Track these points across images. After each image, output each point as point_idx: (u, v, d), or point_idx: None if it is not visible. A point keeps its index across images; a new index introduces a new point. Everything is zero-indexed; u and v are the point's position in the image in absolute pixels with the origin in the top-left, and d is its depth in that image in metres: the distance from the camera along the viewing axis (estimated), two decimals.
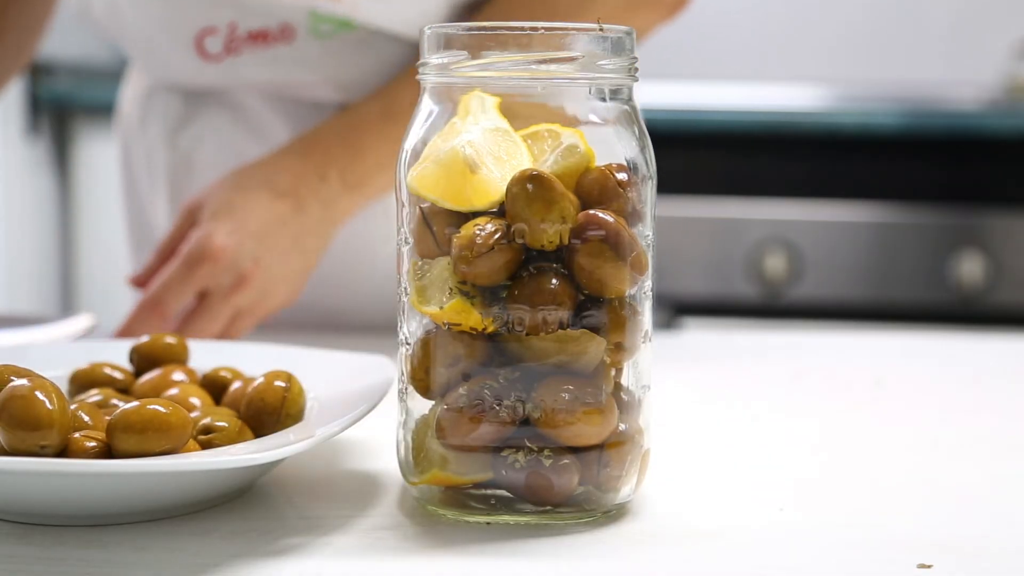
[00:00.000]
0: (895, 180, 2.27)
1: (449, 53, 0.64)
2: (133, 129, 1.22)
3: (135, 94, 1.23)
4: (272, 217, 0.99)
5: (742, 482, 0.73)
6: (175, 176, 1.17)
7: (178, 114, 1.16)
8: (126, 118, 1.24)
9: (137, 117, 1.21)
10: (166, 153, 1.17)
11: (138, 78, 1.24)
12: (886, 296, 2.24)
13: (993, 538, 0.64)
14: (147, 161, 1.20)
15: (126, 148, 1.24)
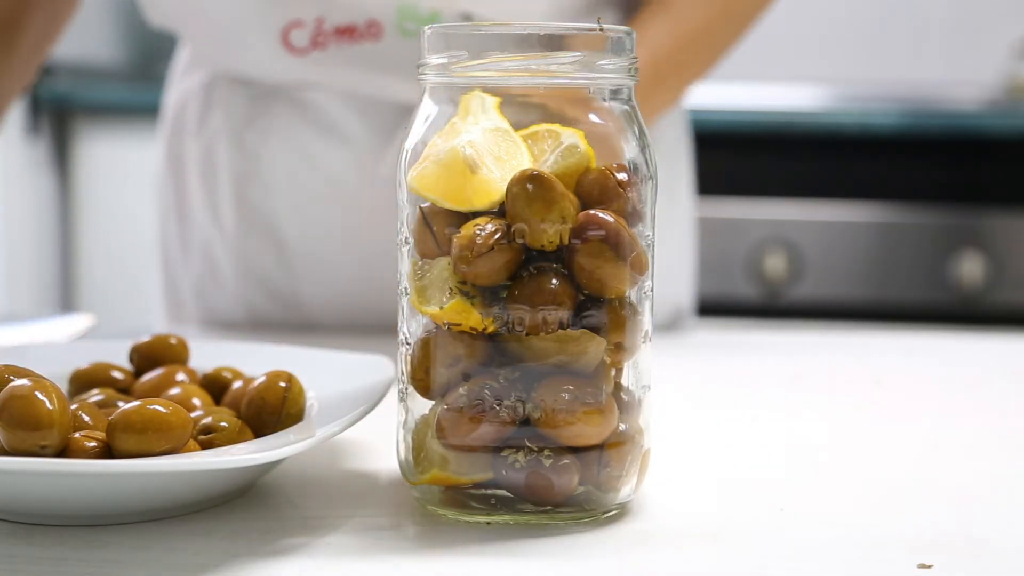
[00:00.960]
0: (895, 180, 2.27)
1: (449, 53, 0.64)
2: (187, 128, 1.20)
3: (189, 92, 1.20)
4: None
5: (742, 482, 0.73)
6: (240, 176, 1.15)
7: (244, 112, 1.15)
8: (176, 117, 1.21)
9: (194, 116, 1.19)
10: (230, 152, 1.16)
11: (191, 76, 1.21)
12: (886, 296, 2.24)
13: (993, 538, 0.64)
14: (203, 161, 1.18)
15: (176, 148, 1.22)
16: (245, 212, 1.15)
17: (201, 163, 1.18)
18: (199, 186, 1.19)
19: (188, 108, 1.20)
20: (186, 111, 1.20)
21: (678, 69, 1.07)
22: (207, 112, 1.17)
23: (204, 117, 1.18)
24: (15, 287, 2.52)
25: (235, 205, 1.16)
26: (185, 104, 1.20)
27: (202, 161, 1.18)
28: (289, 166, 1.13)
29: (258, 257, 1.16)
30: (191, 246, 1.21)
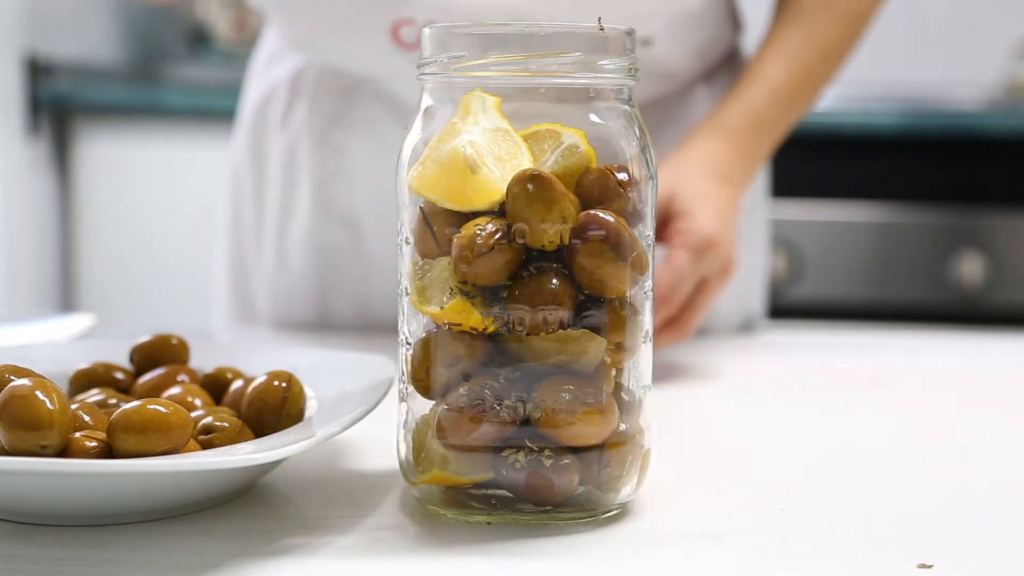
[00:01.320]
0: (895, 180, 2.27)
1: (449, 53, 0.64)
2: (271, 123, 1.19)
3: (275, 85, 1.20)
4: (727, 203, 1.02)
5: (742, 482, 0.73)
6: (322, 171, 1.15)
7: (331, 106, 1.14)
8: (258, 111, 1.21)
9: (279, 111, 1.18)
10: (313, 147, 1.15)
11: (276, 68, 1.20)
12: (886, 296, 2.24)
13: (993, 538, 0.64)
14: (286, 157, 1.18)
15: (257, 143, 1.21)
16: (324, 207, 1.15)
17: (283, 158, 1.18)
18: (278, 181, 1.19)
19: (273, 101, 1.19)
20: (271, 104, 1.19)
21: (816, 80, 1.10)
22: (293, 105, 1.17)
23: (289, 111, 1.17)
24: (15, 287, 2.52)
25: (313, 200, 1.16)
26: (270, 97, 1.20)
27: (284, 157, 1.18)
28: (373, 161, 1.13)
29: (333, 252, 1.16)
30: (265, 244, 1.21)
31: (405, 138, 0.66)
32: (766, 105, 1.06)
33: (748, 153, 1.06)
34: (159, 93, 2.64)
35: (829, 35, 1.10)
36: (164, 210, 2.57)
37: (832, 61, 1.11)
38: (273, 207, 1.19)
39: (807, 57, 1.09)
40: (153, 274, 2.58)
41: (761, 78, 1.07)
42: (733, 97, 1.07)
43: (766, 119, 1.06)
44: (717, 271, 0.99)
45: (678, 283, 0.96)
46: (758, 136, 1.06)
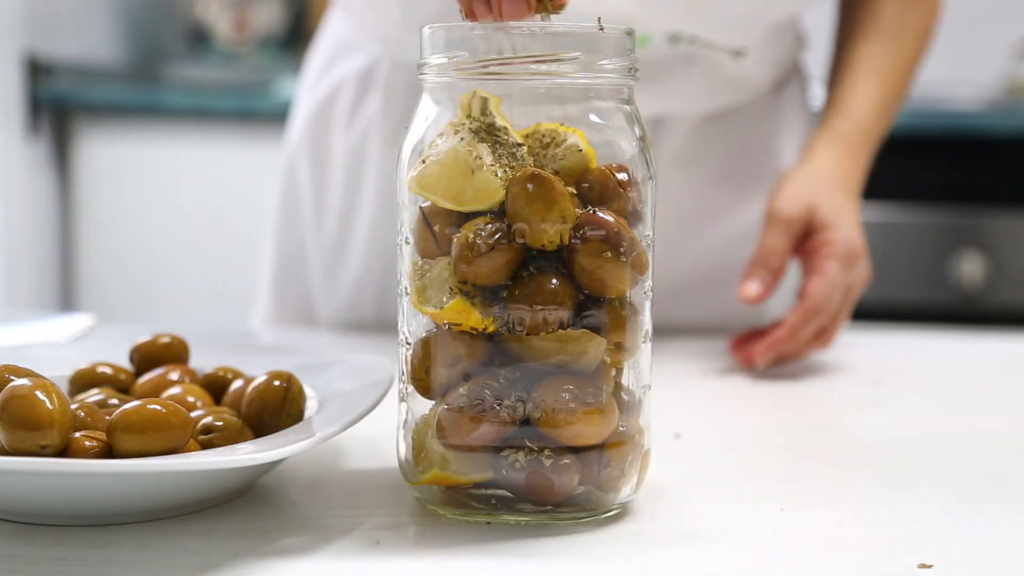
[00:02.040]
0: (895, 180, 2.27)
1: (449, 53, 0.64)
2: (336, 120, 1.18)
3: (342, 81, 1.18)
4: (858, 213, 1.07)
5: (742, 482, 0.73)
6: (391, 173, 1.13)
7: (405, 105, 1.13)
8: (317, 115, 1.19)
9: (346, 106, 1.17)
10: (382, 147, 1.14)
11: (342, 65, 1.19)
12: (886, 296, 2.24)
13: (993, 538, 0.64)
14: (351, 157, 1.17)
15: (320, 141, 1.20)
16: (390, 205, 1.14)
17: (349, 155, 1.17)
18: (342, 180, 1.17)
19: (340, 97, 1.18)
20: (337, 100, 1.18)
21: (902, 93, 1.16)
22: (363, 100, 1.16)
23: (358, 106, 1.16)
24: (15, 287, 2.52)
25: (380, 199, 1.15)
26: (336, 92, 1.18)
27: (350, 154, 1.17)
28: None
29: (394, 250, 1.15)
30: (324, 242, 1.19)
31: (405, 138, 0.66)
32: (869, 118, 1.11)
33: (861, 165, 1.11)
34: (159, 93, 2.64)
35: (910, 49, 1.15)
36: (164, 210, 2.57)
37: (913, 73, 1.16)
38: (336, 206, 1.18)
39: (895, 71, 1.14)
40: (153, 274, 2.58)
41: (861, 94, 1.12)
42: (838, 113, 1.12)
43: (869, 132, 1.11)
44: (861, 281, 1.05)
45: (831, 293, 1.02)
46: (865, 148, 1.11)
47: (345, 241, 1.18)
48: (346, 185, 1.17)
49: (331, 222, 1.19)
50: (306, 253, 1.22)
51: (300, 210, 1.22)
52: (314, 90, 1.22)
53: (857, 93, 1.12)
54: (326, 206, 1.19)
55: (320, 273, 1.20)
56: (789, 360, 1.04)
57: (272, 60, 2.86)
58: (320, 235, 1.20)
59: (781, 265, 1.04)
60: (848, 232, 1.03)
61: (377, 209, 1.16)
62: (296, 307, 1.23)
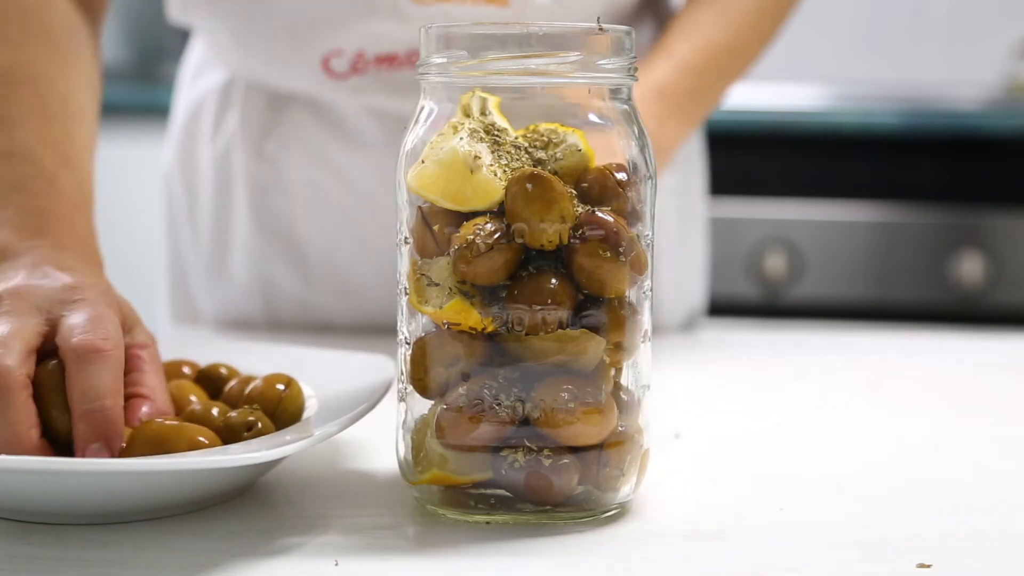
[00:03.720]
0: (895, 180, 2.27)
1: (449, 53, 0.64)
2: (202, 132, 1.18)
3: (204, 94, 1.19)
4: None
5: (742, 482, 0.73)
6: (258, 182, 1.14)
7: (262, 117, 1.13)
8: (189, 120, 1.20)
9: (209, 120, 1.17)
10: (247, 159, 1.14)
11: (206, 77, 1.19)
12: (886, 296, 2.24)
13: (993, 538, 0.64)
14: (218, 167, 1.17)
15: (188, 152, 1.20)
16: (261, 218, 1.14)
17: (215, 169, 1.17)
18: (211, 192, 1.18)
19: (203, 111, 1.18)
20: (201, 114, 1.19)
21: (729, 58, 1.08)
22: (223, 115, 1.16)
23: (220, 121, 1.17)
24: None
25: (251, 211, 1.15)
26: (200, 106, 1.19)
27: (216, 167, 1.17)
28: (308, 172, 1.12)
29: (273, 263, 1.15)
30: (202, 250, 1.20)
31: (405, 138, 0.66)
32: (669, 77, 1.04)
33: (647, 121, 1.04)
34: (159, 93, 2.64)
35: (744, 10, 1.08)
36: None
37: (752, 35, 1.09)
38: (207, 216, 1.19)
39: (720, 31, 1.07)
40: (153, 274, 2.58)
41: (665, 53, 1.06)
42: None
43: (668, 92, 1.03)
44: None
45: None
46: (656, 106, 1.03)
47: (223, 253, 1.18)
48: (216, 198, 1.18)
49: (206, 234, 1.19)
50: (185, 260, 1.22)
51: (176, 219, 1.22)
52: (184, 100, 1.22)
53: (661, 52, 1.06)
54: (199, 217, 1.20)
55: (201, 280, 1.20)
56: None
57: None
58: (197, 245, 1.20)
59: None
60: None
61: (250, 223, 1.15)
62: (186, 307, 1.23)
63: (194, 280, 1.22)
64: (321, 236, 1.14)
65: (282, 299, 1.16)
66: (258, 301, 1.17)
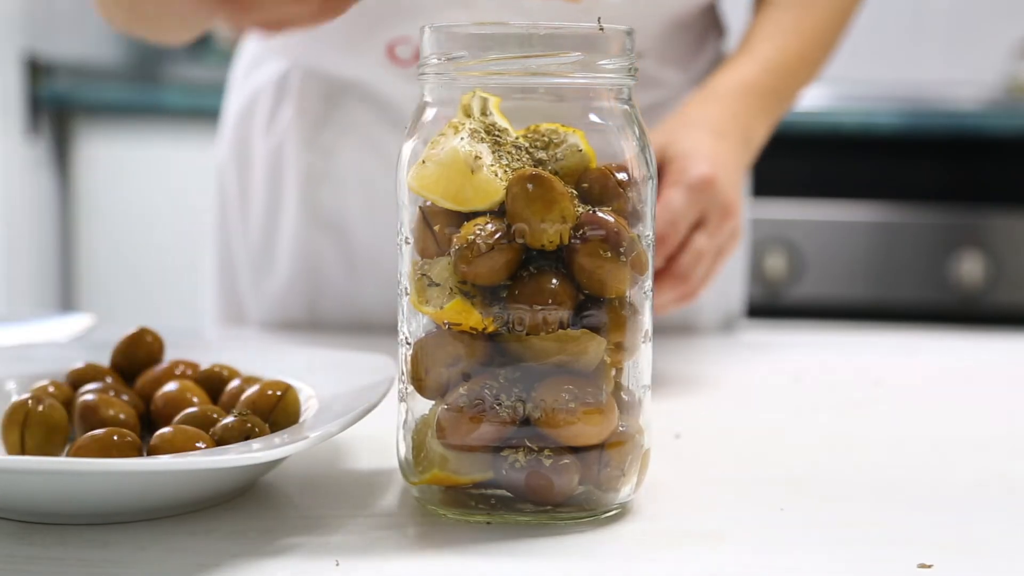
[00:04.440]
0: (895, 180, 2.27)
1: (449, 53, 0.64)
2: (256, 126, 1.19)
3: (260, 88, 1.19)
4: (722, 152, 1.00)
5: (742, 482, 0.73)
6: (310, 174, 1.15)
7: (318, 109, 1.14)
8: (243, 114, 1.21)
9: (264, 113, 1.18)
10: (300, 151, 1.15)
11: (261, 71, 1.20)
12: (886, 296, 2.24)
13: (993, 538, 0.64)
14: (271, 160, 1.17)
15: (242, 146, 1.21)
16: (312, 210, 1.15)
17: (268, 162, 1.18)
18: (263, 185, 1.18)
19: (258, 105, 1.19)
20: (255, 108, 1.19)
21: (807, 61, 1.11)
22: (278, 108, 1.17)
23: (274, 114, 1.17)
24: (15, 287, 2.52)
25: (301, 203, 1.16)
26: (255, 100, 1.19)
27: (269, 160, 1.18)
28: (362, 163, 1.13)
29: (320, 254, 1.16)
30: (251, 244, 1.21)
31: (404, 138, 0.66)
32: (756, 76, 1.06)
33: (740, 116, 1.05)
34: (159, 93, 2.64)
35: (818, 18, 1.11)
36: (164, 210, 2.57)
37: (823, 43, 1.12)
38: (258, 210, 1.19)
39: (796, 38, 1.10)
40: (153, 274, 2.58)
41: (750, 53, 1.08)
42: (722, 70, 1.08)
43: (755, 89, 1.06)
44: (719, 214, 0.97)
45: (673, 220, 0.94)
46: (747, 102, 1.05)
47: (271, 247, 1.19)
48: (268, 191, 1.19)
49: (256, 228, 1.20)
50: (235, 256, 1.23)
51: (228, 215, 1.23)
52: (237, 95, 1.23)
53: (745, 52, 1.09)
54: (250, 211, 1.21)
55: (248, 277, 1.21)
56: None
57: None
58: (246, 240, 1.21)
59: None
60: (700, 164, 0.96)
61: (300, 216, 1.16)
62: (232, 306, 1.24)
63: (242, 277, 1.22)
64: (370, 228, 1.15)
65: (327, 294, 1.16)
66: (302, 297, 1.17)
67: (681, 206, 0.94)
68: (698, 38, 1.17)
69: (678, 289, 0.96)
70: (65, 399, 0.73)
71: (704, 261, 0.96)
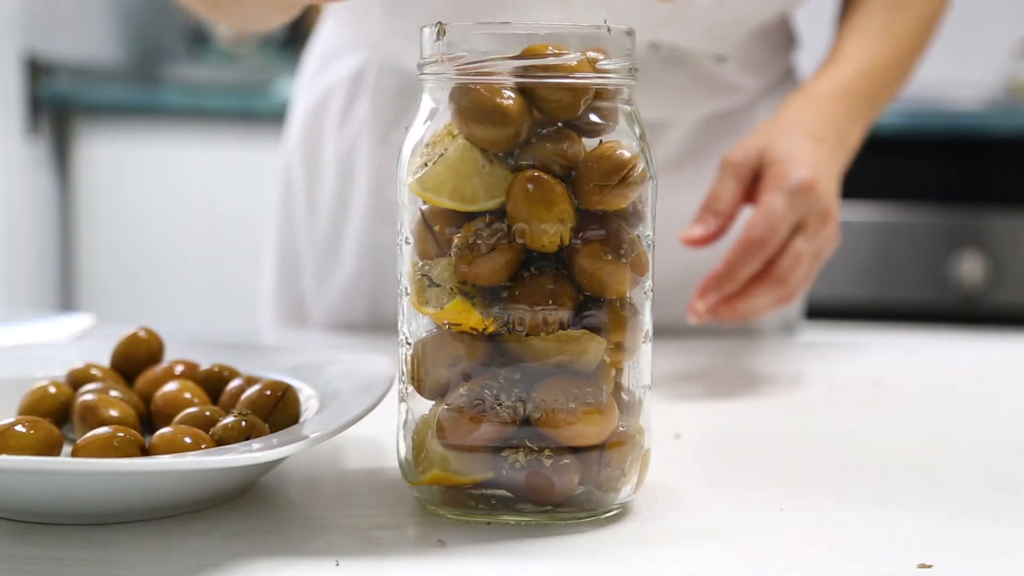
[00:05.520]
0: (895, 180, 2.27)
1: (449, 53, 0.64)
2: (328, 124, 1.19)
3: (333, 85, 1.19)
4: (821, 157, 1.01)
5: (742, 482, 0.73)
6: (383, 173, 1.15)
7: (393, 108, 1.14)
8: (315, 112, 1.20)
9: (337, 110, 1.18)
10: (373, 147, 1.15)
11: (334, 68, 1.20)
12: (886, 296, 2.24)
13: (993, 538, 0.64)
14: (343, 158, 1.18)
15: (313, 144, 1.21)
16: (381, 207, 1.15)
17: (340, 159, 1.18)
18: (334, 182, 1.18)
19: (331, 101, 1.19)
20: (328, 105, 1.19)
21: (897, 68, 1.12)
22: (352, 105, 1.17)
23: (348, 110, 1.17)
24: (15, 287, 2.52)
25: (371, 200, 1.16)
26: (327, 97, 1.19)
27: (341, 157, 1.18)
28: None
29: (386, 252, 1.16)
30: (318, 240, 1.20)
31: (405, 138, 0.66)
32: (851, 80, 1.07)
33: (837, 120, 1.06)
34: (159, 93, 2.64)
35: (909, 21, 1.13)
36: (164, 210, 2.57)
37: (913, 48, 1.13)
38: (327, 207, 1.19)
39: (888, 43, 1.11)
40: (153, 274, 2.58)
41: (844, 58, 1.09)
42: (817, 76, 1.09)
43: (850, 94, 1.07)
44: (818, 219, 0.97)
45: (773, 224, 0.94)
46: (843, 106, 1.06)
47: (337, 243, 1.19)
48: (338, 188, 1.18)
49: (323, 224, 1.20)
50: (300, 254, 1.22)
51: (295, 211, 1.23)
52: (308, 92, 1.23)
53: (839, 58, 1.10)
54: (318, 208, 1.20)
55: (312, 274, 1.21)
56: (743, 314, 0.97)
57: (271, 60, 2.86)
58: (312, 236, 1.21)
59: (728, 210, 0.98)
60: (801, 169, 0.97)
61: (368, 212, 1.16)
62: (294, 307, 1.23)
63: (305, 275, 1.22)
64: None
65: (389, 290, 1.16)
66: (365, 297, 1.18)
67: (782, 210, 0.95)
68: (776, 47, 1.18)
69: (776, 292, 0.96)
70: (65, 399, 0.73)
71: (803, 265, 0.97)
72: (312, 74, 1.23)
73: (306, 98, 1.23)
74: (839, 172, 1.04)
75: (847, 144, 1.07)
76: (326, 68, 1.21)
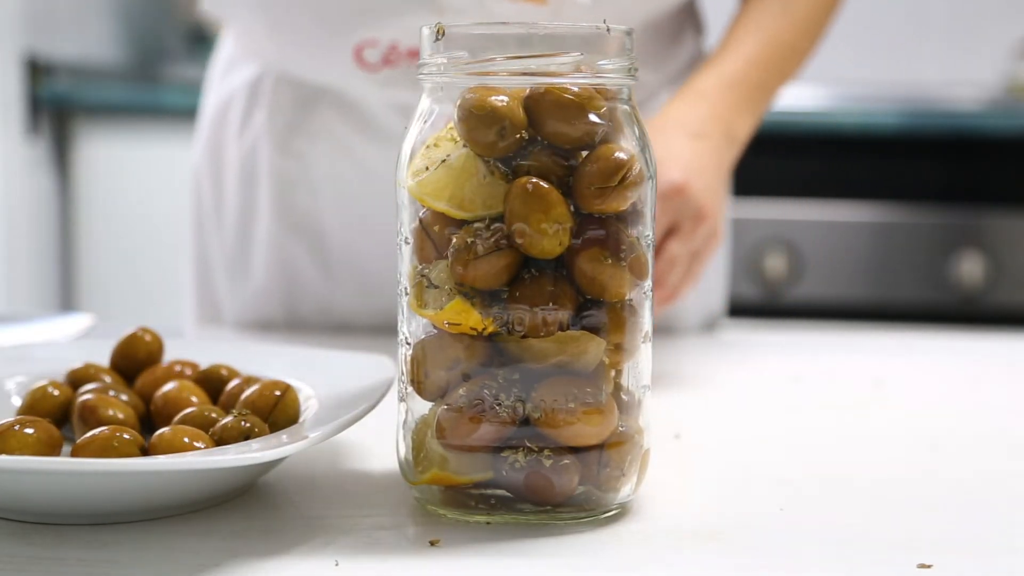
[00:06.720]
0: (895, 180, 2.27)
1: (449, 53, 0.64)
2: (229, 130, 1.19)
3: (233, 92, 1.19)
4: (697, 155, 1.01)
5: (742, 482, 0.73)
6: (283, 178, 1.15)
7: (290, 113, 1.14)
8: (217, 117, 1.20)
9: (237, 117, 1.18)
10: (273, 155, 1.15)
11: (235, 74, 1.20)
12: (886, 296, 2.24)
13: (993, 538, 0.64)
14: (244, 164, 1.17)
15: (216, 149, 1.21)
16: (285, 215, 1.15)
17: (242, 165, 1.18)
18: (237, 189, 1.18)
19: (231, 108, 1.19)
20: (228, 111, 1.19)
21: (792, 53, 1.11)
22: (251, 112, 1.17)
23: (248, 118, 1.17)
24: (15, 287, 2.52)
25: (275, 208, 1.16)
26: (228, 103, 1.19)
27: (243, 163, 1.17)
28: (334, 167, 1.13)
29: (295, 260, 1.16)
30: (227, 248, 1.21)
31: (404, 139, 0.66)
32: (739, 69, 1.06)
33: (723, 111, 1.05)
34: (159, 93, 2.64)
35: (803, 7, 1.11)
36: (164, 210, 2.57)
37: (808, 33, 1.12)
38: (233, 214, 1.19)
39: (781, 29, 1.10)
40: (153, 274, 2.58)
41: (734, 48, 1.08)
42: (705, 66, 1.08)
43: (740, 85, 1.06)
44: (692, 219, 0.97)
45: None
46: (731, 98, 1.05)
47: (246, 252, 1.19)
48: (241, 194, 1.18)
49: (230, 232, 1.20)
50: (211, 259, 1.23)
51: (204, 217, 1.23)
52: (214, 96, 1.23)
53: (728, 48, 1.08)
54: (224, 214, 1.20)
55: (224, 280, 1.21)
56: None
57: None
58: (221, 244, 1.21)
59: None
60: (671, 172, 0.97)
61: (273, 222, 1.16)
62: (210, 307, 1.24)
63: (219, 279, 1.22)
64: (345, 232, 1.14)
65: (303, 297, 1.16)
66: (279, 300, 1.17)
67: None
68: (672, 38, 1.17)
69: (660, 298, 0.98)
70: (65, 399, 0.73)
71: (678, 266, 0.98)
72: (217, 78, 1.23)
73: (211, 102, 1.23)
74: (725, 166, 1.04)
75: (734, 136, 1.06)
76: (229, 73, 1.21)
